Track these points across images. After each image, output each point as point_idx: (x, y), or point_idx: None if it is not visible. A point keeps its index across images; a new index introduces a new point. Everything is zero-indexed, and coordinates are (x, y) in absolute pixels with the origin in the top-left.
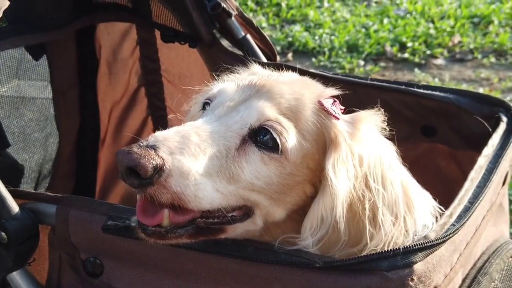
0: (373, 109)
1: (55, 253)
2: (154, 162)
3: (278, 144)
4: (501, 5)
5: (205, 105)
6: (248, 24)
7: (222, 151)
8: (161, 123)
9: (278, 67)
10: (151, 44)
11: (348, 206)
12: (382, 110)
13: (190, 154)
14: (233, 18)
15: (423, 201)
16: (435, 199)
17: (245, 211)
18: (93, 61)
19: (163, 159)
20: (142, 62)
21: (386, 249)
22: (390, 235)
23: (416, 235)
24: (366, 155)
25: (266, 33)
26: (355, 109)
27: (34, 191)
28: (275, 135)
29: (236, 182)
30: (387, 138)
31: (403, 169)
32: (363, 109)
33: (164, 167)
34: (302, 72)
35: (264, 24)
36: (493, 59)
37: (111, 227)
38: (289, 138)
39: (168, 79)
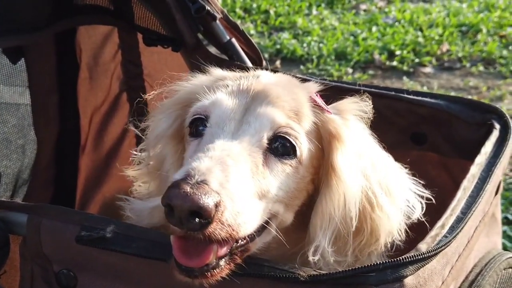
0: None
1: (26, 265)
2: (214, 199)
3: (295, 150)
4: (489, 14)
5: (197, 121)
6: (233, 28)
7: (253, 169)
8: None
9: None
10: (133, 48)
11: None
12: (371, 116)
13: (234, 181)
14: (217, 21)
15: (405, 182)
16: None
17: (262, 224)
18: (73, 65)
19: (218, 194)
20: (124, 66)
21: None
22: (395, 219)
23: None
24: (362, 145)
25: (254, 40)
26: None
27: (4, 199)
28: (292, 141)
29: (266, 198)
30: None
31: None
32: None
33: (221, 202)
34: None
35: (252, 31)
36: (481, 68)
37: (84, 238)
38: (302, 141)
39: (151, 84)
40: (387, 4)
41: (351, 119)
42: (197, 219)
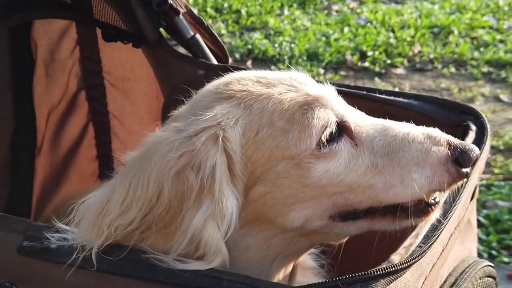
0: None
1: None
2: None
3: None
4: (461, 16)
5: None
6: (197, 23)
7: None
8: (103, 129)
9: (229, 69)
10: (92, 43)
11: None
12: None
13: None
14: (181, 16)
15: None
16: None
17: None
18: (29, 62)
19: None
20: (82, 63)
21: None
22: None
23: None
24: None
25: (225, 40)
26: None
27: None
28: None
29: None
30: None
31: None
32: None
33: None
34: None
35: (224, 31)
36: (453, 69)
37: (27, 248)
38: None
39: (111, 82)
40: (359, 5)
41: None
42: None
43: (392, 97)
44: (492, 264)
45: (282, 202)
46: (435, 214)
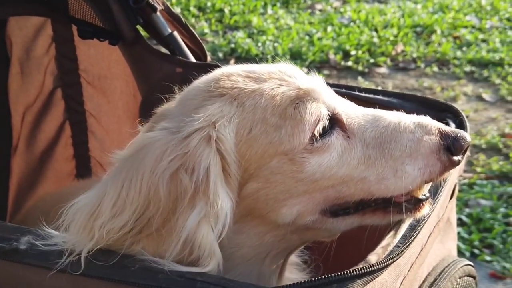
0: None
1: None
2: None
3: None
4: (444, 15)
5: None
6: (175, 21)
7: None
8: (80, 128)
9: (209, 67)
10: (68, 41)
11: None
12: None
13: None
14: (158, 13)
15: None
16: None
17: None
18: (4, 60)
19: None
20: (58, 61)
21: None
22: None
23: None
24: None
25: (208, 39)
26: None
27: None
28: None
29: None
30: None
31: None
32: None
33: None
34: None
35: (207, 30)
36: (435, 69)
37: None
38: None
39: (87, 80)
40: (342, 4)
41: None
42: None
43: (371, 95)
44: (472, 263)
45: (275, 197)
46: (426, 209)
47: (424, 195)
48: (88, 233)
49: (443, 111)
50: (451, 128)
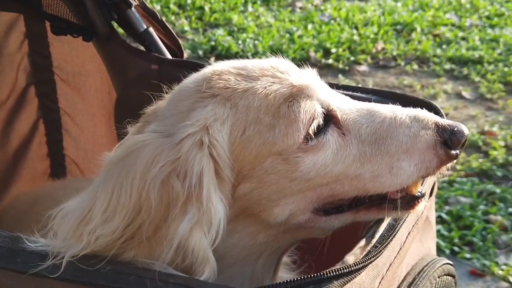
0: None
1: None
2: None
3: None
4: (424, 13)
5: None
6: (151, 16)
7: None
8: (54, 126)
9: (185, 64)
10: (42, 37)
11: None
12: None
13: None
14: (133, 8)
15: None
16: None
17: None
18: None
19: None
20: (31, 57)
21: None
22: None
23: None
24: None
25: (189, 36)
26: None
27: None
28: None
29: None
30: None
31: None
32: None
33: None
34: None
35: (187, 28)
36: (415, 66)
37: None
38: None
39: (61, 77)
40: (323, 2)
41: None
42: None
43: (350, 92)
44: (451, 262)
45: (268, 197)
46: (421, 206)
47: (420, 192)
48: (78, 238)
49: (421, 108)
50: (448, 121)
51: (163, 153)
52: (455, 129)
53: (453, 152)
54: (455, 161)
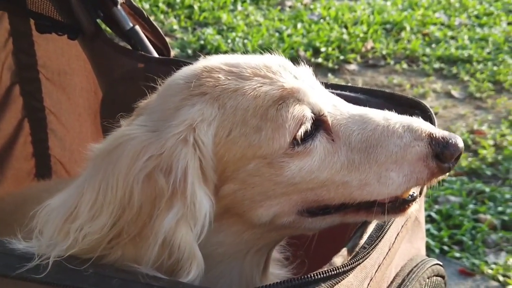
0: None
1: None
2: None
3: None
4: (413, 12)
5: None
6: (137, 14)
7: None
8: (40, 126)
9: (171, 63)
10: (26, 35)
11: None
12: None
13: None
14: (119, 6)
15: None
16: None
17: None
18: None
19: None
20: (15, 56)
21: None
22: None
23: None
24: None
25: (178, 35)
26: None
27: None
28: None
29: None
30: None
31: None
32: None
33: None
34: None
35: (176, 27)
36: (405, 65)
37: None
38: None
39: (46, 76)
40: (312, 1)
41: None
42: None
43: (339, 91)
44: (441, 263)
45: (251, 198)
46: (412, 208)
47: (411, 195)
48: (65, 236)
49: (410, 107)
50: (444, 132)
51: (148, 148)
52: (449, 142)
53: (445, 165)
54: (447, 174)
